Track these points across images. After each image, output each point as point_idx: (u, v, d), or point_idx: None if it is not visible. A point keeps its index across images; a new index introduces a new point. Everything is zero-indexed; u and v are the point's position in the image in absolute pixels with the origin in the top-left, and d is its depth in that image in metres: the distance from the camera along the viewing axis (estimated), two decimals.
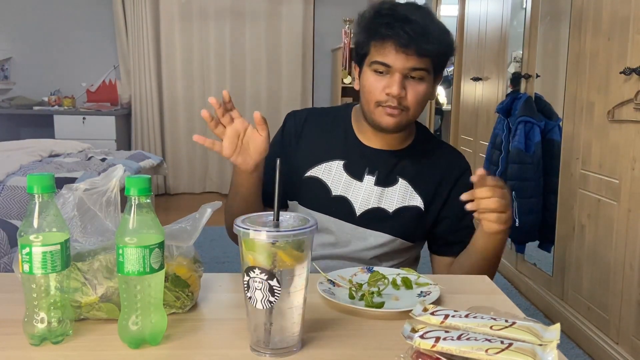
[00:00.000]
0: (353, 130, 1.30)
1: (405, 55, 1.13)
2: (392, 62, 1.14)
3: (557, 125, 2.73)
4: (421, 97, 1.17)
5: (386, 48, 1.14)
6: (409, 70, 1.14)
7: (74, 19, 5.23)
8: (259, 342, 0.74)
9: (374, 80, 1.17)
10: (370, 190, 1.25)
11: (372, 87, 1.17)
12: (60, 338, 0.77)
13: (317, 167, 1.28)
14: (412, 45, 1.11)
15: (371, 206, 1.25)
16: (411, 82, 1.16)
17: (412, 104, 1.17)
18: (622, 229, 2.05)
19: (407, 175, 1.26)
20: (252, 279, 0.72)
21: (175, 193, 5.46)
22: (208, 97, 1.11)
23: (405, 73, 1.14)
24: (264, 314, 0.72)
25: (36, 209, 0.74)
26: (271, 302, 0.71)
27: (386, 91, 1.15)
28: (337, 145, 1.29)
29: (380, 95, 1.16)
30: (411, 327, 0.69)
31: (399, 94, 1.14)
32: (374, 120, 1.20)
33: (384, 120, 1.18)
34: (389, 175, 1.26)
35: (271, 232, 0.70)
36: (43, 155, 3.40)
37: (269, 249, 0.71)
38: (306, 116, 1.34)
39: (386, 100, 1.16)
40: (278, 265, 0.71)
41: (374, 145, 1.27)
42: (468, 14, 4.04)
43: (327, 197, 1.26)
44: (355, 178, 1.26)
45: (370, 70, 1.18)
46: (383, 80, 1.16)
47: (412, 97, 1.16)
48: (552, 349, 0.62)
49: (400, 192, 1.26)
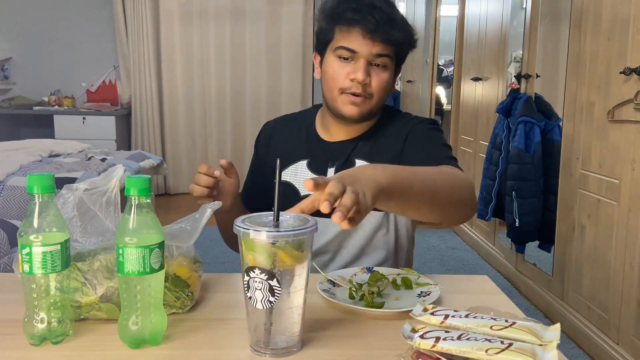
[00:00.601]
0: (315, 130, 1.30)
1: (371, 41, 1.12)
2: (358, 47, 1.13)
3: (557, 125, 2.73)
4: (385, 84, 1.16)
5: (352, 33, 1.13)
6: (373, 57, 1.13)
7: (74, 19, 5.24)
8: (259, 342, 0.74)
9: (338, 66, 1.16)
10: None
11: (336, 74, 1.16)
12: (60, 338, 0.77)
13: (285, 170, 1.28)
14: (379, 31, 1.11)
15: None
16: (375, 69, 1.15)
17: (376, 91, 1.16)
18: (622, 229, 2.05)
19: (363, 155, 1.24)
20: (252, 279, 0.71)
21: (175, 193, 5.46)
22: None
23: (370, 59, 1.14)
24: (264, 314, 0.72)
25: (36, 209, 0.74)
26: (271, 302, 0.71)
27: (351, 77, 1.14)
28: (301, 146, 1.29)
29: (344, 81, 1.15)
30: (411, 327, 0.69)
31: (364, 80, 1.13)
32: (337, 109, 1.19)
33: (347, 110, 1.17)
34: (347, 162, 1.24)
35: (271, 232, 0.70)
36: (43, 155, 3.40)
37: (269, 249, 0.70)
38: (274, 125, 1.37)
39: (350, 87, 1.15)
40: (278, 265, 0.71)
41: (334, 139, 1.27)
42: (468, 14, 4.04)
43: (297, 198, 1.25)
44: (318, 173, 1.26)
45: (334, 56, 1.16)
46: (347, 66, 1.15)
47: (376, 84, 1.15)
48: (552, 349, 0.62)
49: None
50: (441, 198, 0.92)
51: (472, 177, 3.79)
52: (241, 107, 5.38)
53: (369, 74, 1.14)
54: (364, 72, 1.13)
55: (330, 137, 1.28)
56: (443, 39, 4.74)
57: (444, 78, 5.28)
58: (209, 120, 5.40)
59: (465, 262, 3.55)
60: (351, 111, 1.17)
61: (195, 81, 5.36)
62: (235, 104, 5.38)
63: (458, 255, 3.68)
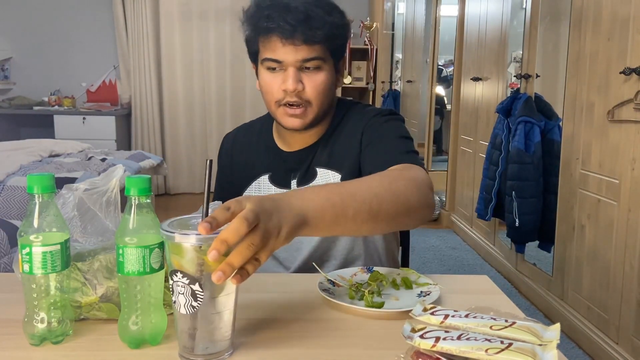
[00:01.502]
0: (273, 140, 1.25)
1: (293, 47, 1.05)
2: (281, 56, 1.06)
3: (557, 125, 2.73)
4: (322, 87, 1.09)
5: (272, 42, 1.06)
6: (301, 62, 1.06)
7: (74, 19, 5.24)
8: (185, 348, 0.72)
9: (269, 78, 1.10)
10: None
11: (269, 86, 1.10)
12: (60, 338, 0.77)
13: (249, 186, 1.24)
14: (297, 34, 1.04)
15: None
16: (307, 73, 1.08)
17: (313, 97, 1.09)
18: (622, 229, 2.05)
19: (322, 162, 1.18)
20: (175, 283, 0.69)
21: (175, 193, 5.46)
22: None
23: (298, 66, 1.07)
24: (188, 319, 0.70)
25: (36, 209, 0.74)
26: (194, 307, 0.69)
27: (282, 87, 1.08)
28: (261, 159, 1.24)
29: (278, 93, 1.09)
30: (411, 327, 0.69)
31: (295, 89, 1.07)
32: (279, 122, 1.14)
33: (288, 122, 1.12)
34: (307, 172, 1.19)
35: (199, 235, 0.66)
36: (43, 155, 3.40)
37: (194, 253, 0.68)
38: (234, 137, 1.31)
39: (284, 98, 1.09)
40: (205, 269, 0.68)
41: (293, 148, 1.21)
42: (468, 14, 4.04)
43: None
44: (282, 187, 1.21)
45: (264, 69, 1.10)
46: (278, 77, 1.09)
47: (311, 89, 1.09)
48: (552, 349, 0.62)
49: (322, 181, 1.17)
50: (386, 212, 0.84)
51: (472, 177, 3.80)
52: (241, 107, 5.38)
53: (299, 81, 1.08)
54: (294, 81, 1.07)
55: (288, 147, 1.22)
56: (443, 39, 4.75)
57: (443, 78, 5.28)
58: (209, 120, 5.40)
59: (465, 262, 3.55)
60: (292, 123, 1.12)
61: (195, 81, 5.36)
62: (235, 104, 5.38)
63: (458, 255, 3.68)
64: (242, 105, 5.37)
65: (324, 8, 1.07)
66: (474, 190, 3.68)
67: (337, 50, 1.12)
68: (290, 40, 1.05)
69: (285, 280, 1.09)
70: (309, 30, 1.04)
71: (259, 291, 0.97)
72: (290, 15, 1.04)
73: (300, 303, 0.93)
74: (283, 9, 1.04)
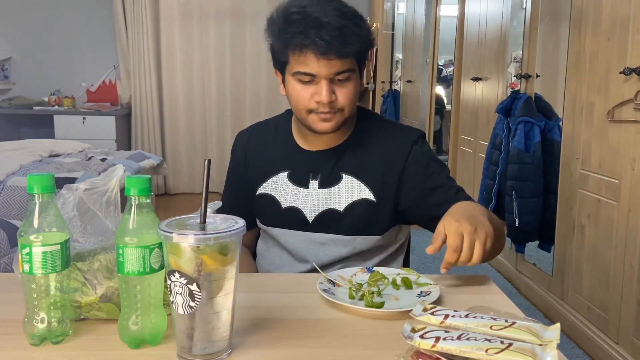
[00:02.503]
0: (293, 138, 1.27)
1: (327, 62, 1.09)
2: (315, 71, 1.10)
3: (557, 125, 2.73)
4: (352, 96, 1.15)
5: (307, 57, 1.09)
6: (334, 75, 1.11)
7: (74, 19, 5.24)
8: (183, 348, 0.72)
9: (301, 89, 1.13)
10: (317, 195, 1.22)
11: (300, 97, 1.14)
12: (60, 338, 0.77)
13: (265, 183, 1.26)
14: (332, 51, 1.07)
15: (321, 210, 1.21)
16: (339, 84, 1.12)
17: (345, 105, 1.14)
18: (622, 229, 2.05)
19: (349, 169, 1.22)
20: (172, 283, 0.69)
21: (175, 193, 5.46)
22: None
23: (330, 78, 1.11)
24: (186, 319, 0.70)
25: (36, 209, 0.74)
26: (192, 307, 0.69)
27: (315, 99, 1.12)
28: (281, 156, 1.27)
29: (310, 103, 1.13)
30: (411, 327, 0.69)
31: (329, 101, 1.11)
32: (310, 127, 1.17)
33: (320, 126, 1.15)
34: (331, 174, 1.22)
35: (197, 235, 0.67)
36: (43, 155, 3.40)
37: (191, 253, 0.68)
38: (249, 134, 1.33)
39: (317, 108, 1.13)
40: (203, 269, 0.68)
41: (315, 148, 1.24)
42: (468, 14, 4.04)
43: (278, 211, 1.24)
44: (301, 186, 1.23)
45: (295, 80, 1.13)
46: (310, 88, 1.12)
47: (343, 99, 1.13)
48: (552, 349, 0.62)
49: (346, 188, 1.21)
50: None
51: (472, 177, 3.80)
52: (241, 107, 5.38)
53: (333, 92, 1.12)
54: (328, 94, 1.10)
55: (309, 146, 1.24)
56: (443, 39, 4.74)
57: (443, 78, 5.28)
58: (209, 120, 5.40)
59: None
60: (324, 127, 1.15)
61: (195, 81, 5.36)
62: (235, 104, 5.38)
63: None
64: (242, 105, 5.37)
65: (354, 21, 1.11)
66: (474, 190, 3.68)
67: (363, 59, 1.17)
68: (325, 56, 1.08)
69: (285, 280, 1.09)
70: (342, 46, 1.08)
71: (259, 291, 0.97)
72: (325, 31, 1.06)
73: (300, 303, 0.93)
74: (317, 25, 1.07)
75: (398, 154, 1.21)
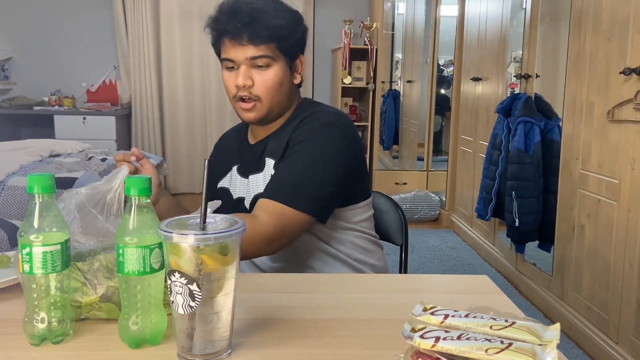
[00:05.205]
0: (246, 134, 1.36)
1: (241, 47, 1.16)
2: (232, 55, 1.18)
3: (557, 125, 2.73)
4: (270, 83, 1.19)
5: (226, 43, 1.19)
6: (251, 60, 1.17)
7: (74, 19, 5.23)
8: (183, 348, 0.72)
9: (227, 76, 1.22)
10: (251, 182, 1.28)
11: (226, 83, 1.22)
12: (60, 338, 0.77)
13: (224, 178, 1.36)
14: (243, 35, 1.15)
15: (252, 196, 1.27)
16: (258, 70, 1.19)
17: (262, 92, 1.19)
18: (622, 229, 2.05)
19: (270, 153, 1.26)
20: (173, 283, 0.69)
21: (175, 193, 5.45)
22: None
23: (249, 64, 1.18)
24: (186, 319, 0.70)
25: (36, 209, 0.74)
26: (192, 307, 0.69)
27: (235, 84, 1.19)
28: (235, 152, 1.37)
29: (233, 89, 1.21)
30: (411, 327, 0.69)
31: (243, 84, 1.18)
32: (239, 116, 1.25)
33: (243, 115, 1.23)
34: (259, 162, 1.28)
35: (197, 235, 0.67)
36: (43, 155, 3.40)
37: (191, 253, 0.68)
38: (223, 135, 1.47)
39: (237, 93, 1.20)
40: (203, 269, 0.68)
41: (256, 140, 1.32)
42: (468, 14, 4.04)
43: (231, 202, 1.31)
44: (244, 177, 1.31)
45: (224, 68, 1.22)
46: (233, 74, 1.20)
47: (259, 85, 1.19)
48: (552, 349, 0.62)
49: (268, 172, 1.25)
50: None
51: (472, 177, 3.79)
52: None
53: (249, 77, 1.18)
54: (243, 77, 1.18)
55: (253, 140, 1.33)
56: (443, 39, 4.75)
57: (443, 78, 5.28)
58: (209, 120, 5.40)
59: (465, 262, 3.55)
60: (247, 117, 1.23)
61: (195, 81, 5.35)
62: None
63: (458, 255, 3.68)
64: None
65: (271, 12, 1.18)
66: (473, 190, 3.68)
67: (289, 50, 1.21)
68: (237, 40, 1.16)
69: (285, 280, 1.09)
70: (253, 30, 1.15)
71: (259, 291, 0.97)
72: (238, 17, 1.16)
73: (300, 303, 0.93)
74: (234, 12, 1.16)
75: (290, 134, 1.24)
